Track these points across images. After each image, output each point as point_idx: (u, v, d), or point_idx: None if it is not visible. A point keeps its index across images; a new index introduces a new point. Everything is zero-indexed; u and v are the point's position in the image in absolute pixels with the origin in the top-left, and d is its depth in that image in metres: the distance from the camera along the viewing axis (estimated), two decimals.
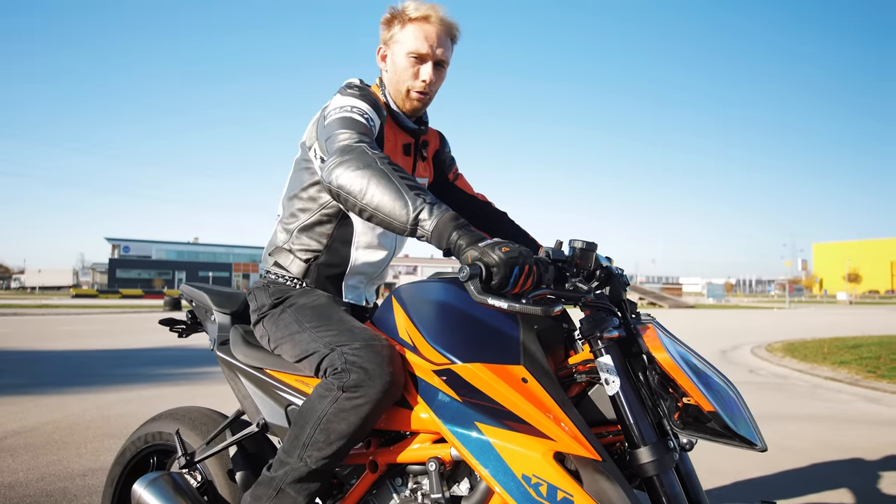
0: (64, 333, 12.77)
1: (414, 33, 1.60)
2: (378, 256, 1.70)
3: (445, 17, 1.62)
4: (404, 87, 1.64)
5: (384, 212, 1.21)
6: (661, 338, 1.22)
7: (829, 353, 9.58)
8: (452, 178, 1.92)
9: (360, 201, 1.25)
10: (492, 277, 1.07)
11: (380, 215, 1.22)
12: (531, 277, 1.10)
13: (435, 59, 1.62)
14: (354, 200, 1.26)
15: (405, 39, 1.60)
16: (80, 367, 7.65)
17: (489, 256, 1.08)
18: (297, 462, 1.35)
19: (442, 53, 1.62)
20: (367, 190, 1.24)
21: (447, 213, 1.18)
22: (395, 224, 1.21)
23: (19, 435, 4.04)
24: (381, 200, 1.22)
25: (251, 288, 1.72)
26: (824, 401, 5.98)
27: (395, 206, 1.20)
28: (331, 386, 1.34)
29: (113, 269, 66.68)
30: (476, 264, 1.08)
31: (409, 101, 1.66)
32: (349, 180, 1.26)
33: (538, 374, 1.25)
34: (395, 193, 1.21)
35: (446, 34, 1.63)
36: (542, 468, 1.12)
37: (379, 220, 1.24)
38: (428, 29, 1.60)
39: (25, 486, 3.02)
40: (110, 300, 42.48)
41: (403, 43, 1.61)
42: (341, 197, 1.28)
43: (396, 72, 1.63)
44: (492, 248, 1.09)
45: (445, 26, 1.62)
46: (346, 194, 1.27)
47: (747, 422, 1.17)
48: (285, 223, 1.69)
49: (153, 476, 1.66)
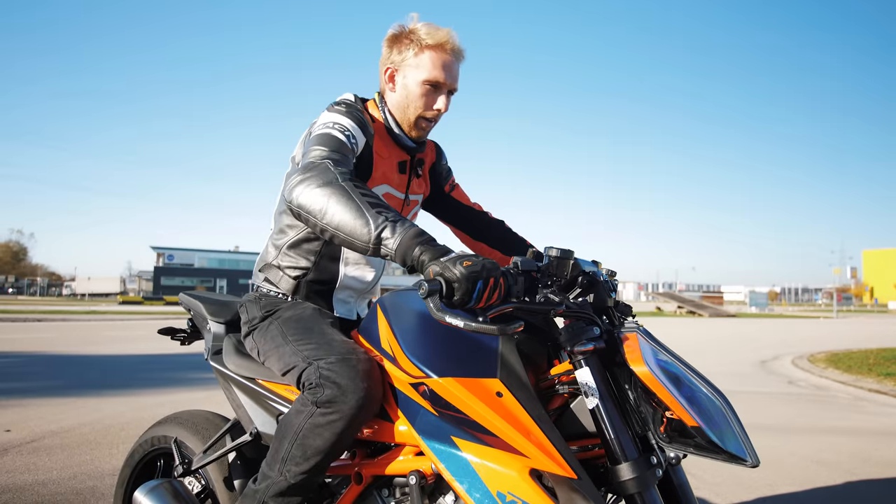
0: (108, 338, 13.21)
1: (432, 61, 1.56)
2: (366, 272, 1.69)
3: (458, 45, 1.59)
4: (414, 114, 1.61)
5: (345, 232, 1.18)
6: (642, 348, 1.16)
7: (875, 364, 9.19)
8: (448, 189, 1.89)
9: (320, 221, 1.22)
10: (453, 293, 1.04)
11: (341, 235, 1.19)
12: (497, 290, 1.06)
13: (449, 87, 1.60)
14: (315, 220, 1.23)
15: (422, 66, 1.56)
16: (120, 370, 7.91)
17: (450, 271, 1.04)
18: (278, 476, 1.35)
19: (456, 82, 1.61)
20: (326, 209, 1.21)
21: (410, 230, 1.14)
22: (357, 244, 1.18)
23: (57, 435, 4.19)
24: (342, 220, 1.18)
25: (242, 301, 1.72)
26: (867, 413, 5.74)
27: (357, 226, 1.17)
28: (306, 401, 1.34)
29: (158, 276, 68.64)
30: (436, 280, 1.05)
31: (417, 129, 1.64)
32: (309, 199, 1.23)
33: (514, 387, 1.21)
34: (355, 212, 1.18)
35: (458, 61, 1.61)
36: (518, 486, 1.09)
37: (340, 241, 1.21)
38: (445, 58, 1.57)
39: (57, 483, 3.14)
40: (155, 307, 43.75)
41: (420, 70, 1.57)
42: (302, 216, 1.26)
43: (408, 97, 1.60)
44: (454, 262, 1.05)
45: (458, 53, 1.60)
46: (306, 214, 1.24)
47: (736, 436, 1.11)
48: (275, 239, 1.68)
49: (154, 483, 1.68)
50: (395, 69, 1.61)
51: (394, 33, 1.61)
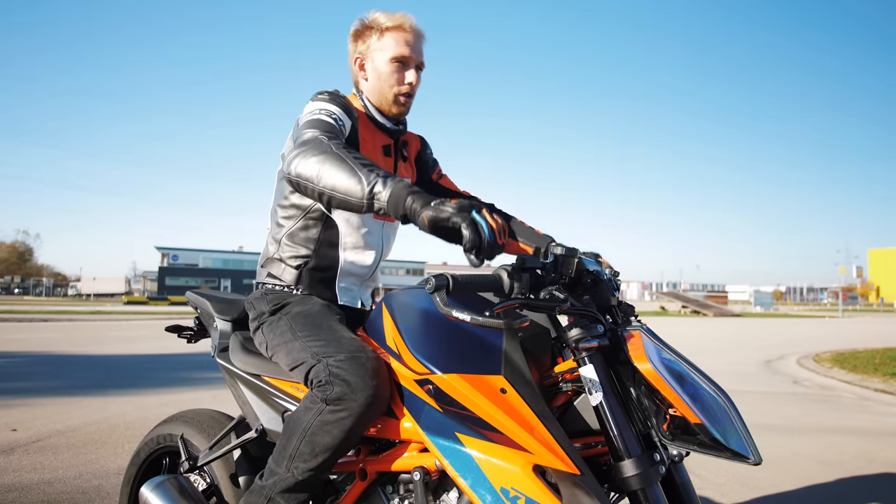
0: (113, 338, 13.27)
1: (395, 40, 1.67)
2: (366, 256, 1.72)
3: (416, 25, 1.70)
4: (391, 92, 1.69)
5: (340, 191, 1.24)
6: (646, 346, 1.17)
7: (880, 363, 9.15)
8: (436, 178, 1.94)
9: (317, 185, 1.28)
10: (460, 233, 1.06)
11: (337, 195, 1.25)
12: (495, 214, 1.09)
13: (416, 63, 1.70)
14: (313, 186, 1.29)
15: (386, 47, 1.67)
16: (125, 370, 7.95)
17: (442, 211, 1.08)
18: (285, 473, 1.36)
19: (421, 57, 1.71)
20: (322, 173, 1.27)
21: (400, 183, 1.19)
22: (352, 201, 1.24)
23: (62, 434, 4.21)
24: (336, 180, 1.25)
25: (249, 298, 1.74)
26: (873, 413, 5.72)
27: (350, 184, 1.23)
28: (315, 398, 1.35)
29: (162, 276, 68.86)
30: (443, 275, 1.08)
31: (397, 105, 1.71)
32: (305, 168, 1.30)
33: (518, 384, 1.22)
34: (348, 172, 1.24)
35: (419, 39, 1.71)
36: (521, 481, 1.10)
37: (338, 202, 1.27)
38: (406, 36, 1.68)
39: (63, 482, 3.16)
40: (159, 307, 43.90)
41: (385, 50, 1.67)
42: (301, 185, 1.32)
43: (380, 78, 1.69)
44: (442, 203, 1.10)
45: (418, 33, 1.70)
46: (304, 181, 1.30)
47: (739, 434, 1.11)
48: (274, 234, 1.72)
49: (160, 479, 1.69)
50: (364, 57, 1.71)
51: (355, 28, 1.72)
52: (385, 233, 1.77)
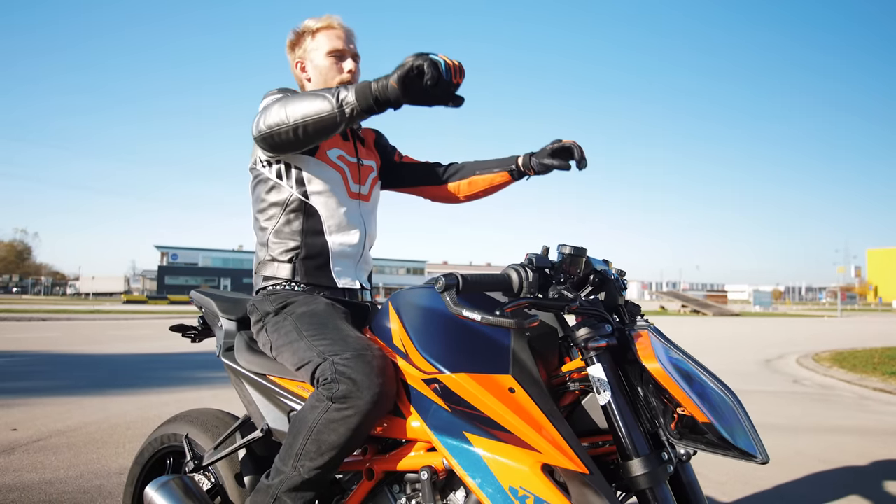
0: (112, 338, 13.26)
1: (327, 37, 1.79)
2: (352, 236, 1.74)
3: (343, 23, 1.83)
4: (334, 83, 1.78)
5: (312, 115, 1.34)
6: (654, 345, 1.18)
7: (880, 363, 9.16)
8: (398, 159, 2.01)
9: (289, 122, 1.37)
10: (423, 71, 1.17)
11: (310, 119, 1.34)
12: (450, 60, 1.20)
13: (351, 53, 1.80)
14: (286, 127, 1.37)
15: (320, 45, 1.79)
16: (125, 369, 7.94)
17: (404, 63, 1.19)
18: (292, 471, 1.36)
19: (355, 49, 1.82)
20: (288, 112, 1.37)
21: (360, 83, 1.30)
22: (326, 118, 1.33)
23: (63, 434, 4.21)
24: (305, 109, 1.35)
25: (252, 301, 1.74)
26: (872, 413, 5.72)
27: (317, 105, 1.33)
28: (321, 396, 1.35)
29: (162, 276, 68.79)
30: (453, 275, 1.09)
31: None
32: (271, 117, 1.40)
33: (526, 383, 1.22)
34: (311, 98, 1.35)
35: (350, 34, 1.82)
36: (530, 481, 1.10)
37: (314, 127, 1.36)
38: (336, 32, 1.80)
39: (65, 482, 3.15)
40: (159, 306, 43.86)
41: (320, 48, 1.79)
42: (274, 136, 1.40)
43: (321, 72, 1.79)
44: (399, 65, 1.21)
45: (346, 28, 1.82)
46: (276, 129, 1.39)
47: (746, 433, 1.12)
48: (260, 239, 1.75)
49: (164, 479, 1.69)
50: (303, 60, 1.83)
51: (290, 39, 1.85)
52: (363, 210, 1.80)
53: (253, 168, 1.75)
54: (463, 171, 1.96)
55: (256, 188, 1.75)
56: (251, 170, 1.76)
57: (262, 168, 1.71)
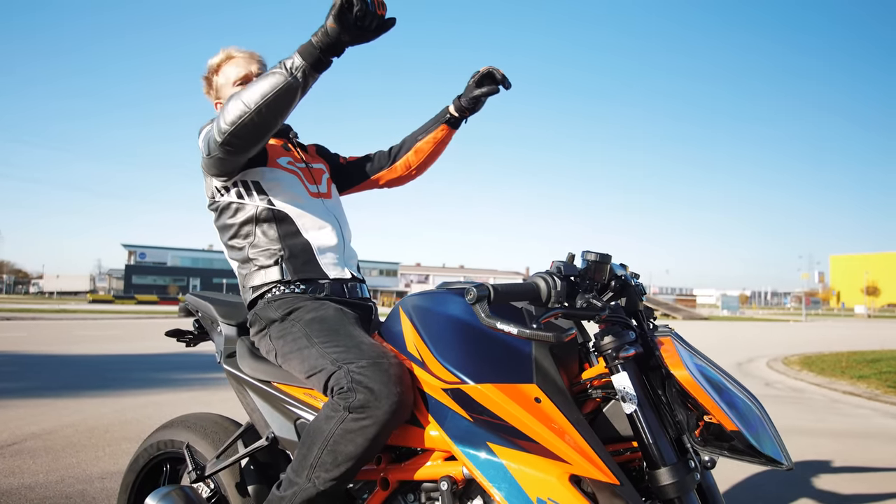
0: (80, 338, 12.91)
1: (229, 69, 1.84)
2: (328, 231, 1.73)
3: (242, 49, 1.87)
4: None
5: (270, 93, 1.36)
6: (680, 352, 1.18)
7: (847, 366, 9.43)
8: (343, 161, 2.04)
9: (251, 108, 1.39)
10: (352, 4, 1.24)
11: (271, 97, 1.36)
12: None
13: (257, 74, 1.82)
14: (248, 115, 1.39)
15: (227, 79, 1.84)
16: (96, 370, 7.73)
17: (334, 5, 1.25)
18: (306, 483, 1.33)
19: (259, 69, 1.85)
20: (245, 101, 1.39)
21: (303, 43, 1.35)
22: (282, 88, 1.35)
23: (38, 437, 4.08)
24: (262, 90, 1.37)
25: (254, 311, 1.68)
26: (843, 415, 5.89)
27: (272, 81, 1.36)
28: (337, 406, 1.32)
29: (129, 275, 67.28)
30: (484, 286, 1.09)
31: None
32: (231, 114, 1.41)
33: (551, 392, 1.21)
34: (262, 80, 1.38)
35: (252, 58, 1.86)
36: (558, 491, 1.08)
37: (276, 103, 1.37)
38: (236, 60, 1.85)
39: (45, 487, 3.06)
40: (126, 306, 42.88)
41: (227, 82, 1.83)
42: (240, 130, 1.42)
43: None
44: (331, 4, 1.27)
45: (247, 55, 1.86)
46: (239, 122, 1.41)
47: (772, 440, 1.13)
48: (240, 258, 1.72)
49: (165, 490, 1.65)
50: (219, 98, 1.88)
51: (203, 82, 1.90)
52: (329, 207, 1.81)
53: (212, 202, 1.75)
54: (405, 145, 1.99)
55: (220, 218, 1.74)
56: (210, 206, 1.77)
57: (221, 197, 1.71)
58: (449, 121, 1.89)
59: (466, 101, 1.82)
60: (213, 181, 1.71)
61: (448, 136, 1.94)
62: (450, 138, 1.95)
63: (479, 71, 1.76)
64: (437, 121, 1.92)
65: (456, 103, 1.86)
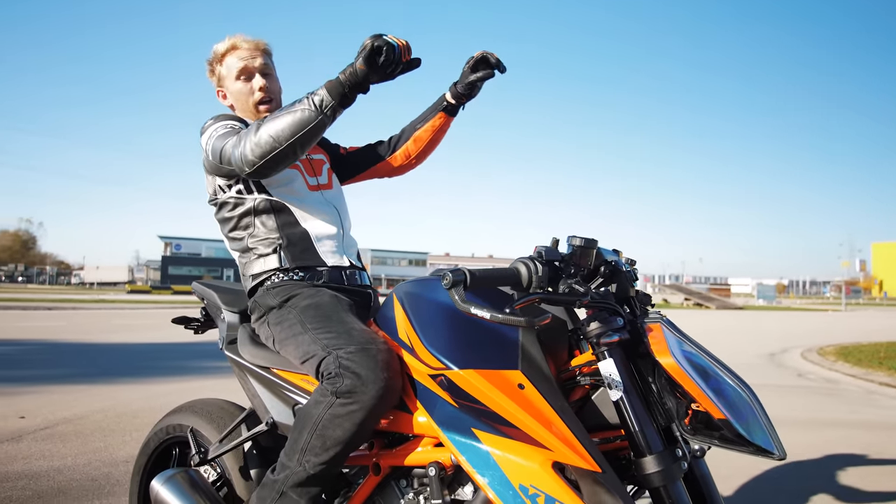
0: (118, 327, 13.31)
1: (232, 61, 1.83)
2: (326, 220, 1.75)
3: (248, 38, 1.85)
4: (249, 103, 1.82)
5: (300, 131, 1.41)
6: (668, 339, 1.15)
7: (885, 357, 9.13)
8: (344, 152, 2.03)
9: (282, 146, 1.43)
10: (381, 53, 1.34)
11: (301, 134, 1.41)
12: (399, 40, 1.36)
13: (258, 70, 1.82)
14: (279, 151, 1.44)
15: (230, 70, 1.83)
16: (130, 358, 7.98)
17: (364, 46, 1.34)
18: (297, 466, 1.35)
19: (262, 64, 1.83)
20: (274, 136, 1.43)
21: (329, 80, 1.41)
22: (312, 125, 1.41)
23: (70, 422, 4.23)
24: (293, 127, 1.42)
25: (253, 299, 1.71)
26: (878, 407, 5.71)
27: (300, 118, 1.41)
28: (325, 391, 1.34)
29: (165, 266, 68.99)
30: (460, 270, 1.08)
31: (259, 112, 1.82)
32: (258, 149, 1.45)
33: (536, 379, 1.20)
34: (290, 115, 1.42)
35: (256, 49, 1.84)
36: (541, 478, 1.08)
37: (307, 138, 1.43)
38: (240, 52, 1.83)
39: (73, 470, 3.17)
40: (163, 296, 44.01)
41: (230, 74, 1.83)
42: (270, 162, 1.46)
43: (236, 94, 1.83)
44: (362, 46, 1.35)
45: (252, 44, 1.84)
46: (267, 156, 1.45)
47: (763, 429, 1.09)
48: (240, 248, 1.74)
49: (170, 473, 1.69)
50: (221, 87, 1.88)
51: (207, 70, 1.90)
52: (328, 197, 1.82)
53: (213, 199, 1.77)
54: (404, 135, 1.99)
55: (221, 212, 1.77)
56: (211, 201, 1.79)
57: (224, 193, 1.73)
58: (446, 108, 1.89)
59: (462, 87, 1.81)
60: (217, 180, 1.73)
61: (446, 124, 1.93)
62: (448, 126, 1.94)
63: (473, 56, 1.75)
64: (434, 109, 1.92)
65: (452, 90, 1.85)
